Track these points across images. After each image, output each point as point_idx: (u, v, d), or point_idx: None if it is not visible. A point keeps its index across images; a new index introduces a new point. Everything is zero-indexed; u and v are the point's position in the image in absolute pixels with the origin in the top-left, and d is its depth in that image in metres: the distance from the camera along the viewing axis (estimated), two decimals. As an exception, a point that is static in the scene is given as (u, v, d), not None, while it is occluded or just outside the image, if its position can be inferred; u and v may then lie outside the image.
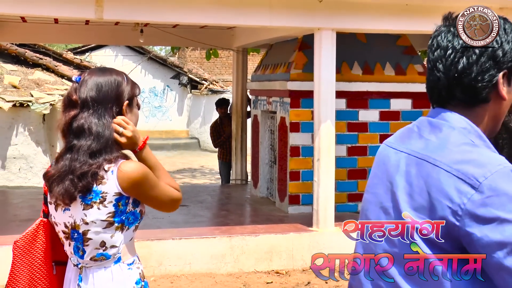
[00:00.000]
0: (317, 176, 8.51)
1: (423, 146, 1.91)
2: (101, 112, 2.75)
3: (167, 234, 8.18)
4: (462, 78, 1.87)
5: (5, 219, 9.48)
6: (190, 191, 12.70)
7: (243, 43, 12.35)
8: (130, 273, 2.78)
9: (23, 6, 7.58)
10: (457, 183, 1.71)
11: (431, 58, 1.94)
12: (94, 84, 2.77)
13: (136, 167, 2.74)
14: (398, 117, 10.19)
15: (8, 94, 13.82)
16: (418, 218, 1.79)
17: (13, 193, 12.31)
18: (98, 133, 2.71)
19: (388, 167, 2.04)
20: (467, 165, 1.73)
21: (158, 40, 12.98)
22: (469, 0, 8.89)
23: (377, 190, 2.06)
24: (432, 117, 1.98)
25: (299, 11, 8.23)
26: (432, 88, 1.97)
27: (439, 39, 1.94)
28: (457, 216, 1.69)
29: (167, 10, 7.91)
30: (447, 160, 1.78)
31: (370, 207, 2.09)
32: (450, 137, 1.86)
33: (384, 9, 8.47)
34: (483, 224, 1.65)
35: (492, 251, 1.65)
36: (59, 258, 2.94)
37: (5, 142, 13.97)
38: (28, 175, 14.25)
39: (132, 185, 2.72)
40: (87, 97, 2.74)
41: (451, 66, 1.89)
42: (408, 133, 2.07)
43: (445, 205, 1.72)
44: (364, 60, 10.14)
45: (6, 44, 15.45)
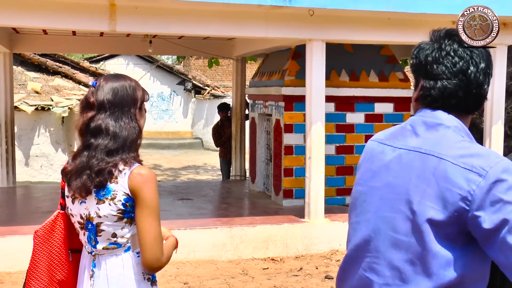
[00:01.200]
0: (309, 172, 8.50)
1: (422, 143, 1.97)
2: (118, 114, 2.73)
3: (174, 225, 8.16)
4: (479, 91, 2.02)
5: (28, 211, 9.48)
6: (194, 186, 12.71)
7: (242, 52, 12.34)
8: (139, 261, 2.75)
9: (44, 20, 7.57)
10: (465, 174, 1.79)
11: (449, 65, 2.00)
12: (110, 89, 2.75)
13: (146, 177, 2.69)
14: (382, 119, 10.19)
15: (31, 99, 13.82)
16: (427, 206, 1.85)
17: (35, 188, 12.30)
18: (115, 133, 2.70)
19: (386, 162, 2.06)
20: (472, 158, 1.82)
21: (165, 50, 12.96)
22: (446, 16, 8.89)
23: (374, 184, 2.07)
24: (426, 118, 2.02)
25: (292, 24, 8.22)
26: (447, 91, 2.00)
27: (459, 52, 2.02)
28: (467, 201, 1.77)
29: (174, 23, 7.91)
30: (452, 154, 1.86)
31: (368, 198, 2.09)
32: (447, 135, 1.95)
33: (368, 22, 8.47)
34: (491, 206, 1.74)
35: (497, 229, 1.73)
36: (75, 246, 2.93)
37: (28, 142, 13.98)
38: (48, 171, 14.24)
39: (137, 188, 2.67)
40: (103, 100, 2.71)
41: (473, 80, 2.00)
42: (401, 132, 2.09)
43: (456, 193, 1.79)
44: (351, 68, 10.14)
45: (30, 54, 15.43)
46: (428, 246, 1.85)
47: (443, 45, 2.03)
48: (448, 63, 2.00)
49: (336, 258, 8.07)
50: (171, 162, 21.83)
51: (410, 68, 2.18)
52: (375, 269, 2.00)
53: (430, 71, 2.02)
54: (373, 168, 2.12)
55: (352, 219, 2.16)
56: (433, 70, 2.01)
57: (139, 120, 2.84)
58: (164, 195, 10.86)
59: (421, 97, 2.07)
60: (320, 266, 7.72)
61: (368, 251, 2.03)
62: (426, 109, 2.05)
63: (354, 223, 2.14)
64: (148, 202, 2.66)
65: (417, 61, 2.08)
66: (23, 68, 15.35)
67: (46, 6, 7.39)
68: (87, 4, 7.45)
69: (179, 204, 10.12)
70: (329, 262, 7.94)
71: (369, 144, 2.23)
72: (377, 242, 2.00)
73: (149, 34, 11.03)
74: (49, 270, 2.90)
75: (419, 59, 2.07)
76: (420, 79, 2.08)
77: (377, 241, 2.00)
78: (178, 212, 9.43)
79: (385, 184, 2.03)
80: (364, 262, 2.05)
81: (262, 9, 7.87)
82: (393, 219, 1.96)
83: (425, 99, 2.05)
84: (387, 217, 1.98)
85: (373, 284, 2.00)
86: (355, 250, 2.09)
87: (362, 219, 2.09)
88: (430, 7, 8.18)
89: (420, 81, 2.08)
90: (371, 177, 2.11)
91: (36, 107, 13.57)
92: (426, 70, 2.04)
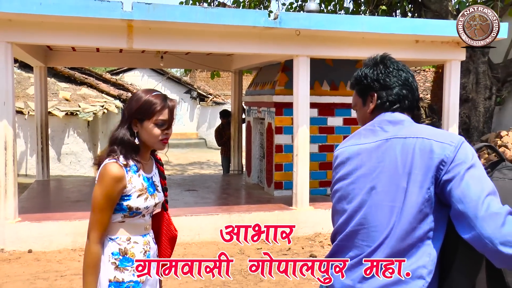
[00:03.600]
0: (296, 167, 8.50)
1: (396, 133, 2.09)
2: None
3: (182, 212, 8.16)
4: (417, 94, 2.26)
5: (60, 201, 9.46)
6: (198, 179, 12.69)
7: (239, 66, 12.32)
8: (110, 245, 2.67)
9: (73, 39, 7.55)
10: (440, 145, 1.95)
11: (398, 76, 2.20)
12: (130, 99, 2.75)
13: (103, 168, 2.62)
14: (357, 122, 10.18)
15: (62, 105, 13.79)
16: (414, 173, 1.97)
17: (65, 180, 12.27)
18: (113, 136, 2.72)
19: (366, 155, 2.13)
20: (442, 136, 1.99)
21: (174, 64, 12.93)
22: (410, 35, 8.90)
23: (360, 173, 2.13)
24: (389, 118, 2.17)
25: (282, 42, 8.22)
26: (402, 96, 2.20)
27: (399, 66, 2.24)
28: (443, 163, 1.92)
29: (181, 41, 7.89)
30: (426, 134, 2.01)
31: (356, 186, 2.13)
32: (413, 125, 2.13)
33: (346, 41, 8.48)
34: (455, 163, 1.90)
35: (454, 177, 1.88)
36: None
37: (59, 142, 13.96)
38: (76, 167, 14.21)
39: None
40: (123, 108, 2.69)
41: (414, 87, 2.23)
42: (372, 132, 2.18)
43: (435, 158, 1.93)
44: (331, 79, 10.14)
45: (61, 67, 15.38)
46: (415, 205, 1.95)
47: (388, 64, 2.23)
48: (396, 75, 2.20)
49: (319, 239, 8.06)
50: (179, 158, 21.79)
51: (356, 91, 2.34)
52: (372, 235, 2.02)
53: (384, 83, 2.19)
54: (354, 163, 2.16)
55: (344, 206, 2.15)
56: (387, 82, 2.19)
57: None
58: (174, 186, 10.85)
59: (379, 105, 2.21)
60: (305, 247, 7.72)
61: (366, 223, 2.05)
62: (385, 112, 2.19)
63: (349, 208, 2.13)
64: (95, 190, 2.62)
65: (368, 80, 2.24)
66: (55, 79, 15.30)
67: (75, 27, 7.38)
68: (109, 25, 7.45)
69: (186, 194, 10.11)
70: (313, 243, 7.93)
71: (340, 150, 2.30)
72: (374, 214, 2.03)
73: (160, 51, 11.02)
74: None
75: (370, 78, 2.23)
76: (373, 94, 2.22)
77: (374, 213, 2.03)
78: (185, 201, 9.41)
79: (372, 169, 2.08)
80: (361, 234, 2.06)
81: (256, 30, 7.87)
82: (387, 191, 2.02)
83: (383, 105, 2.20)
84: (381, 191, 2.03)
85: (370, 247, 2.02)
86: (355, 226, 2.08)
87: (357, 202, 2.10)
88: (396, 28, 8.21)
89: (373, 96, 2.23)
90: (354, 169, 2.15)
91: (66, 112, 13.55)
92: (380, 83, 2.20)
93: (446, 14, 12.63)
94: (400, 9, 14.23)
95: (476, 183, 1.84)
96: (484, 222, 1.75)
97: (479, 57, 13.14)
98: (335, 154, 2.32)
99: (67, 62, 12.39)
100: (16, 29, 7.23)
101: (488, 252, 1.77)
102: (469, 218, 1.79)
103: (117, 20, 7.14)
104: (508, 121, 14.12)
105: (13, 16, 7.03)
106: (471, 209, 1.79)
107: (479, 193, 1.81)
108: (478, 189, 1.82)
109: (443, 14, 12.61)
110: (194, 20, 7.33)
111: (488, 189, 1.83)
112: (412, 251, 1.94)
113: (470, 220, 1.78)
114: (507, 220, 1.75)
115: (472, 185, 1.83)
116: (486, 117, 13.45)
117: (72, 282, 6.17)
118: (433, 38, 8.59)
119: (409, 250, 1.94)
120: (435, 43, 8.71)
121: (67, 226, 7.56)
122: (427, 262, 1.93)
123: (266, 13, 7.65)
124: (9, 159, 7.32)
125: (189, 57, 12.09)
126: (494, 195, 1.82)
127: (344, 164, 2.21)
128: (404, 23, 8.44)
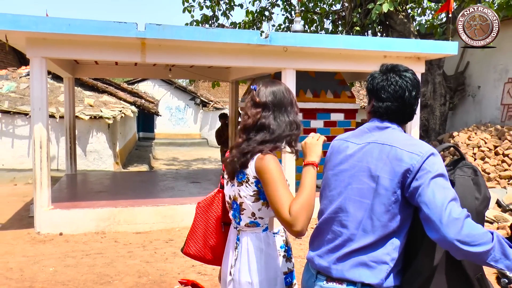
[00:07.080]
0: (284, 162, 8.49)
1: (378, 138, 2.07)
2: (277, 113, 2.36)
3: (187, 201, 8.14)
4: (411, 109, 2.13)
5: (85, 191, 9.40)
6: (202, 173, 12.66)
7: (235, 77, 12.30)
8: (275, 239, 2.41)
9: (96, 54, 7.51)
10: (409, 155, 1.93)
11: (392, 92, 2.10)
12: (271, 92, 2.40)
13: (267, 159, 2.23)
14: (336, 125, 10.20)
15: (87, 110, 13.72)
16: (384, 177, 1.95)
17: (89, 174, 12.20)
18: (273, 130, 2.33)
19: (351, 152, 2.13)
20: (413, 146, 1.96)
21: (181, 75, 12.89)
22: (380, 52, 8.86)
23: (343, 167, 2.13)
24: (378, 124, 2.13)
25: (272, 57, 8.20)
26: (390, 110, 2.11)
27: (399, 83, 2.10)
28: (409, 172, 1.90)
29: (187, 56, 7.86)
30: (399, 144, 1.98)
31: (338, 178, 2.13)
32: (394, 133, 2.08)
33: (326, 56, 8.47)
34: (421, 172, 1.88)
35: (419, 186, 1.86)
36: (227, 220, 2.62)
37: (85, 141, 13.92)
38: (99, 163, 14.15)
39: (258, 171, 2.24)
40: (266, 101, 2.36)
41: (408, 103, 2.11)
42: (361, 133, 2.18)
43: (403, 166, 1.92)
44: (313, 88, 10.14)
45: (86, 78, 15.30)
46: (382, 205, 1.95)
47: (389, 77, 2.12)
48: (391, 91, 2.10)
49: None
50: (185, 155, 21.75)
51: (366, 90, 2.24)
52: (345, 224, 2.04)
53: (379, 95, 2.12)
54: (340, 157, 2.17)
55: (327, 193, 2.18)
56: (381, 95, 2.12)
57: (295, 116, 2.43)
58: (180, 179, 10.81)
59: (373, 111, 2.17)
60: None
61: (340, 212, 2.06)
62: (377, 119, 2.15)
63: (329, 196, 2.15)
64: (269, 177, 2.19)
65: (370, 86, 2.17)
66: (81, 88, 15.19)
67: (97, 45, 7.35)
68: (125, 43, 7.41)
69: (191, 186, 10.08)
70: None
71: (335, 142, 2.29)
72: (347, 206, 2.05)
73: (169, 64, 11.00)
74: (204, 236, 2.66)
75: (372, 85, 2.16)
76: (373, 98, 2.17)
77: (347, 205, 2.05)
78: (190, 191, 9.38)
79: (352, 166, 2.09)
80: (336, 221, 2.08)
81: (250, 47, 7.85)
82: (359, 189, 2.02)
83: (375, 113, 2.16)
84: (355, 188, 2.04)
85: (343, 234, 2.04)
86: (332, 213, 2.10)
87: (336, 192, 2.12)
88: (368, 45, 8.21)
89: (372, 100, 2.17)
90: (339, 163, 2.16)
91: (90, 116, 13.48)
92: (376, 94, 2.14)
93: (409, 34, 12.64)
94: (371, 30, 14.29)
95: (440, 191, 1.83)
96: (447, 228, 1.76)
97: (435, 70, 13.20)
98: (331, 144, 2.32)
99: (91, 73, 12.34)
100: (49, 46, 7.22)
101: (451, 249, 1.80)
102: (434, 222, 1.80)
103: (133, 38, 7.11)
104: (458, 123, 14.25)
105: (47, 36, 7.01)
106: (436, 215, 1.79)
107: (442, 200, 1.81)
108: (441, 197, 1.81)
109: (406, 34, 12.62)
110: (197, 38, 7.30)
111: (451, 196, 1.83)
112: (380, 242, 1.96)
113: (435, 224, 1.79)
114: (465, 224, 1.77)
115: (437, 193, 1.82)
116: (441, 120, 13.50)
117: (95, 260, 6.15)
118: (398, 54, 8.62)
119: (377, 241, 1.96)
120: (400, 58, 8.72)
121: (91, 213, 7.53)
122: (390, 250, 1.95)
123: (259, 32, 7.63)
124: (43, 156, 7.31)
125: (193, 69, 12.06)
126: (455, 201, 1.83)
127: (334, 156, 2.22)
128: (375, 41, 8.43)
